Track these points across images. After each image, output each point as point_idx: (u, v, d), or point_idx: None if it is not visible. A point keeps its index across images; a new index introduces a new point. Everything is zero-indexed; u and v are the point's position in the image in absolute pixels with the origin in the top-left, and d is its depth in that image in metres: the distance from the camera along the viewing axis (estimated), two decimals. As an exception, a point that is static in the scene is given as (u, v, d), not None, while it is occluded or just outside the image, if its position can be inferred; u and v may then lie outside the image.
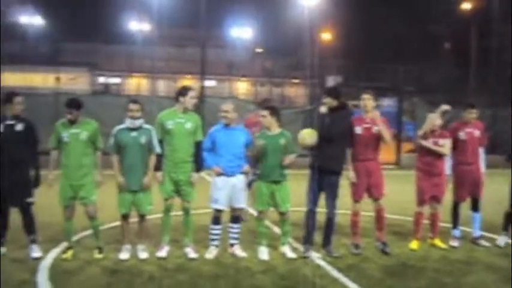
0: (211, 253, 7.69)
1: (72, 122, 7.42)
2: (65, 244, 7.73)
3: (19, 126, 7.42)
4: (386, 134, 8.00)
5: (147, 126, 7.57)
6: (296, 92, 51.09)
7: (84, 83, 53.76)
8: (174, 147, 7.52)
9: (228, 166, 7.70)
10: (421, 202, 8.47)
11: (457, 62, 43.32)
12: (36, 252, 7.47)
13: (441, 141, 8.36)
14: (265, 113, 7.80)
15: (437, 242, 8.51)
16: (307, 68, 43.42)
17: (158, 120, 7.63)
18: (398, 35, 49.30)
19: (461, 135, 8.69)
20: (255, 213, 8.17)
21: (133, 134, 7.45)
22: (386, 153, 8.85)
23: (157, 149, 7.53)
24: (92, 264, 7.20)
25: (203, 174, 7.94)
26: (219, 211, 7.81)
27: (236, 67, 56.67)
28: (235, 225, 7.90)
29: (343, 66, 40.13)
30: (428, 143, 8.34)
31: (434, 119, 8.36)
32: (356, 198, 8.19)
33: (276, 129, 7.80)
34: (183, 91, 7.68)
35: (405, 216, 9.97)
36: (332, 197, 7.87)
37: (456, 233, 8.81)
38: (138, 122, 7.47)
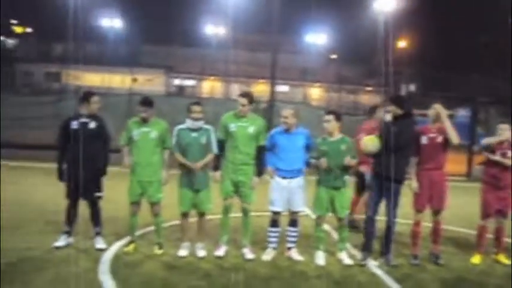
0: (268, 255, 7.79)
1: (144, 121, 7.69)
2: (128, 238, 8.00)
3: (92, 124, 7.78)
4: (453, 134, 7.86)
5: (206, 126, 7.78)
6: (369, 99, 50.52)
7: (160, 84, 55.16)
8: (236, 149, 7.68)
9: (286, 169, 7.77)
10: (485, 215, 8.26)
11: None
12: (100, 244, 7.80)
13: (510, 153, 8.14)
14: (330, 117, 7.83)
15: (501, 257, 8.27)
16: (381, 75, 42.94)
17: (222, 122, 7.81)
18: (475, 44, 47.97)
19: None
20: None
21: (194, 134, 7.67)
22: (457, 165, 8.68)
23: (215, 150, 7.71)
24: (151, 259, 7.46)
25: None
26: (276, 213, 7.90)
27: (310, 73, 56.65)
28: (292, 229, 7.96)
29: (418, 75, 39.42)
30: (495, 156, 8.13)
31: (504, 130, 8.15)
32: (418, 207, 8.08)
33: (337, 135, 7.82)
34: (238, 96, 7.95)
35: (470, 230, 9.71)
36: (393, 205, 7.81)
37: (522, 249, 8.55)
38: (198, 123, 7.67)
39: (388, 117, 7.80)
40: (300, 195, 7.87)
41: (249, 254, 7.75)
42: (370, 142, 7.66)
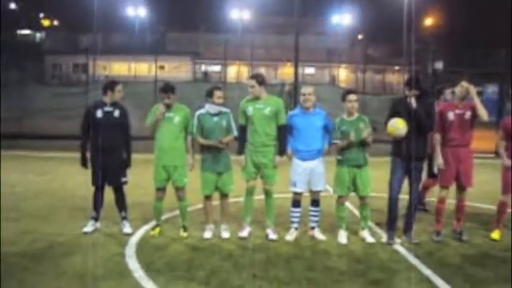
0: (291, 235, 7.91)
1: (167, 106, 7.82)
2: (154, 222, 8.19)
3: (116, 113, 7.97)
4: (483, 111, 7.83)
5: (225, 110, 7.91)
6: (398, 78, 50.09)
7: (186, 71, 55.46)
8: (255, 131, 7.78)
9: (305, 150, 7.86)
10: (505, 191, 8.23)
11: None
12: (127, 228, 8.01)
13: None
14: (354, 97, 7.90)
15: (523, 233, 8.25)
16: (409, 54, 42.44)
17: (240, 107, 7.91)
18: (503, 19, 47.02)
19: None
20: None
21: (215, 118, 7.80)
22: (485, 142, 8.64)
23: (235, 132, 7.84)
24: (176, 242, 7.64)
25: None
26: (298, 194, 8.00)
27: (337, 54, 56.32)
28: (314, 209, 8.06)
29: (445, 52, 38.90)
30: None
31: None
32: (444, 184, 8.09)
33: (355, 114, 7.88)
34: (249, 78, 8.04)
35: (495, 206, 9.70)
36: (417, 182, 7.85)
37: (547, 224, 8.51)
38: (218, 107, 7.79)
39: (412, 100, 7.76)
40: (321, 175, 7.95)
41: (272, 234, 7.87)
42: (401, 125, 7.60)
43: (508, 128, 8.15)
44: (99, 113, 7.89)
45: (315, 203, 8.07)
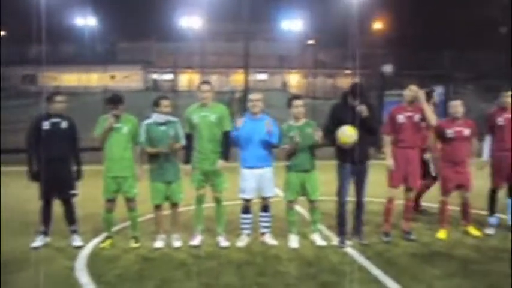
0: (242, 241, 7.95)
1: (116, 117, 7.77)
2: (104, 234, 8.11)
3: (63, 124, 7.86)
4: (430, 114, 8.04)
5: (173, 118, 7.91)
6: (349, 82, 50.73)
7: (138, 80, 55.02)
8: (202, 139, 7.81)
9: (253, 156, 7.91)
10: (445, 191, 8.46)
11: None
12: (77, 242, 7.91)
13: (467, 131, 8.33)
14: (300, 103, 7.98)
15: (471, 229, 8.49)
16: (359, 58, 43.10)
17: (185, 116, 7.94)
18: (452, 21, 48.25)
19: (500, 120, 8.62)
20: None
21: (163, 127, 7.78)
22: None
23: (183, 141, 7.84)
24: (127, 253, 7.58)
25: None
26: (247, 200, 8.04)
27: (287, 59, 56.75)
28: (265, 214, 8.12)
29: (394, 55, 39.58)
30: (449, 133, 8.33)
31: (456, 107, 8.34)
32: (393, 184, 8.27)
33: (302, 120, 7.97)
34: (198, 86, 8.05)
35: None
36: (363, 184, 8.01)
37: (492, 220, 8.75)
38: (165, 116, 7.79)
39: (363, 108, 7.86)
40: (270, 181, 8.02)
41: (223, 241, 7.90)
42: (352, 132, 7.70)
43: (441, 131, 8.40)
44: (45, 125, 7.77)
45: (265, 208, 8.13)
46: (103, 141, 7.82)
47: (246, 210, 8.08)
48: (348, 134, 7.64)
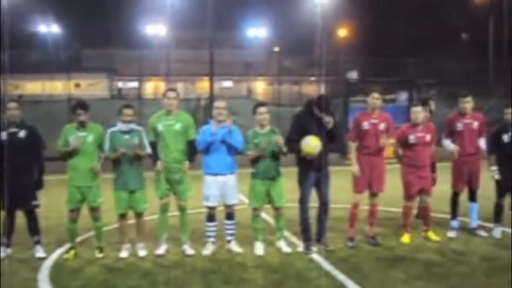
0: (207, 249, 7.93)
1: (81, 125, 7.69)
2: (68, 245, 7.99)
3: (22, 133, 7.70)
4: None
5: (138, 127, 7.87)
6: (314, 89, 51.04)
7: (103, 88, 54.50)
8: (166, 148, 7.79)
9: (218, 164, 7.91)
10: (408, 196, 8.56)
11: (476, 53, 43.02)
12: (40, 253, 7.78)
13: (428, 136, 8.46)
14: (264, 110, 8.01)
15: (431, 234, 8.59)
16: (324, 65, 43.47)
17: (150, 124, 7.91)
18: (415, 28, 49.07)
19: (459, 126, 8.77)
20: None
21: (127, 136, 7.73)
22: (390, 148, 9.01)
23: (148, 149, 7.80)
24: (92, 263, 7.49)
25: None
26: (211, 208, 8.04)
27: (253, 67, 56.90)
28: (229, 222, 8.12)
29: (359, 62, 40.06)
30: (410, 139, 8.46)
31: (417, 113, 8.47)
32: (358, 190, 8.35)
33: (267, 127, 8.00)
34: (164, 93, 8.03)
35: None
36: (327, 190, 8.08)
37: (454, 223, 8.91)
38: (130, 125, 7.75)
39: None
40: (233, 188, 8.03)
41: (188, 250, 7.87)
42: (316, 143, 7.75)
43: (404, 136, 8.53)
44: (2, 136, 7.63)
45: (230, 216, 8.13)
46: (65, 155, 7.71)
47: (211, 218, 8.06)
48: (312, 144, 7.69)
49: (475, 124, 8.77)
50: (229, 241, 8.10)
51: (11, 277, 6.90)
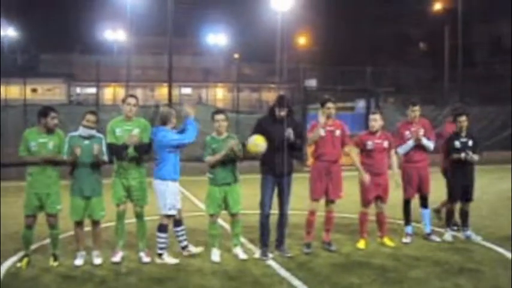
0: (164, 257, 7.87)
1: (49, 131, 7.59)
2: (21, 253, 7.83)
3: None
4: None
5: (98, 134, 7.78)
6: (274, 96, 51.31)
7: (61, 94, 53.66)
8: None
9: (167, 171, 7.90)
10: (365, 202, 8.72)
11: (433, 62, 43.94)
12: (-9, 263, 7.58)
13: (386, 143, 8.64)
14: (222, 117, 8.04)
15: (386, 240, 8.75)
16: (283, 73, 43.80)
17: (109, 128, 7.85)
18: (373, 37, 49.80)
19: (407, 134, 8.96)
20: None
21: (86, 142, 7.63)
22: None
23: (105, 157, 7.74)
24: (46, 272, 7.35)
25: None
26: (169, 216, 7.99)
27: (213, 73, 56.91)
28: (178, 229, 8.14)
29: (319, 70, 40.45)
30: (368, 145, 8.63)
31: (374, 121, 8.64)
32: (315, 197, 8.43)
33: (225, 133, 8.04)
34: (124, 99, 8.01)
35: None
36: (287, 197, 8.14)
37: (408, 229, 9.07)
38: (91, 131, 7.67)
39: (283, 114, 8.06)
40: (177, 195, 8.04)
41: (145, 257, 7.82)
42: (261, 142, 7.83)
43: (362, 143, 8.68)
44: None
45: (177, 222, 8.12)
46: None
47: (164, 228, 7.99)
48: (255, 143, 7.79)
49: (421, 131, 8.95)
50: (184, 247, 8.09)
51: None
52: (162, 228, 7.87)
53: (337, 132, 8.38)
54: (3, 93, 43.60)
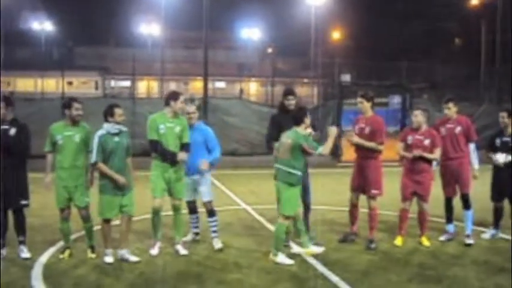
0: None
1: (74, 122, 7.59)
2: (62, 244, 7.89)
3: (12, 131, 7.50)
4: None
5: (125, 128, 7.70)
6: (307, 91, 51.15)
7: (94, 87, 54.37)
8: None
9: (191, 164, 8.01)
10: (403, 198, 8.58)
11: (468, 58, 43.27)
12: (24, 253, 7.63)
13: (427, 141, 8.41)
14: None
15: (423, 240, 8.56)
16: (317, 67, 43.55)
17: (151, 123, 7.82)
18: (409, 33, 49.28)
19: (442, 131, 8.77)
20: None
21: (116, 138, 7.54)
22: (390, 151, 9.08)
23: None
24: (84, 263, 7.42)
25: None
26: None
27: (246, 68, 56.96)
28: (211, 219, 8.27)
29: (354, 65, 40.17)
30: (408, 141, 8.50)
31: (416, 116, 8.48)
32: (351, 188, 8.59)
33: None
34: (173, 96, 7.93)
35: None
36: (309, 188, 8.41)
37: (449, 227, 8.89)
38: (119, 126, 7.59)
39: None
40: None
41: (182, 250, 7.85)
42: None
43: (405, 138, 8.57)
44: None
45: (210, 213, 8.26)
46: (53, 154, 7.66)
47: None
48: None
49: (458, 129, 8.78)
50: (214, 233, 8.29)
51: (4, 276, 6.81)
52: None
53: (367, 130, 8.36)
54: (40, 86, 44.33)
